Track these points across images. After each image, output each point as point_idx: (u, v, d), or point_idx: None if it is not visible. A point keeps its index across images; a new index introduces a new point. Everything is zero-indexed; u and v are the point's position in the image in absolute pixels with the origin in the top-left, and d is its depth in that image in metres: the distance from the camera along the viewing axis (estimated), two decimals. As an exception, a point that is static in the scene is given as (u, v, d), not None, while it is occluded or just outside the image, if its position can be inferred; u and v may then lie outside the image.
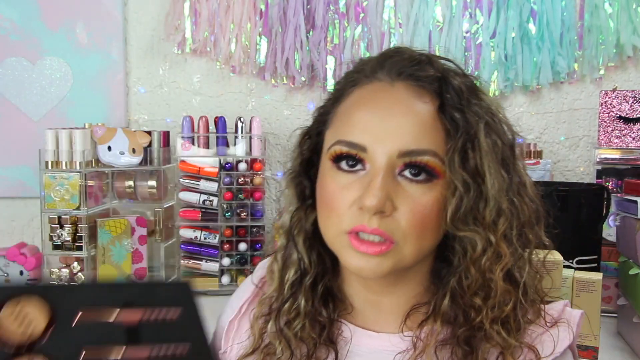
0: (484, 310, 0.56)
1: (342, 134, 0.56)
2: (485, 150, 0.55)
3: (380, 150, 0.54)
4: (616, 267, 1.26)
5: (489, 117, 0.57)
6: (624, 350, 1.11)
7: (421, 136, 0.54)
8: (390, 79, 0.57)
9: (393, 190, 0.54)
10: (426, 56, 0.58)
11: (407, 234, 0.54)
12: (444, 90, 0.56)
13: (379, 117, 0.55)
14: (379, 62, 0.59)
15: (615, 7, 1.55)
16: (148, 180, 1.52)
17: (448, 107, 0.55)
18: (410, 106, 0.55)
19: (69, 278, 1.44)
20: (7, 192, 1.73)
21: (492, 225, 0.55)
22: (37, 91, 1.71)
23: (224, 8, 1.65)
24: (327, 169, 0.57)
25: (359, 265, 0.55)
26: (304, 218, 0.62)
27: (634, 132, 1.38)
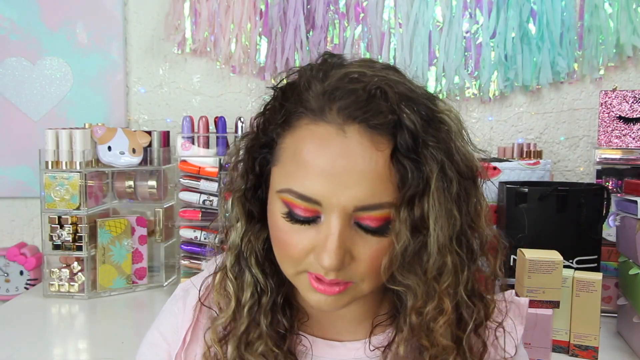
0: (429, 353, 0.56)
1: (294, 183, 0.52)
2: (433, 203, 0.52)
3: (335, 206, 0.51)
4: (616, 267, 1.26)
5: (445, 156, 0.53)
6: (624, 350, 1.11)
7: (376, 190, 0.51)
8: (342, 123, 0.51)
9: (350, 240, 0.52)
10: (379, 89, 0.52)
11: (365, 276, 0.54)
12: (398, 135, 0.51)
13: (332, 172, 0.51)
14: (327, 98, 0.53)
15: (615, 7, 1.55)
16: (148, 180, 1.52)
17: (400, 155, 0.51)
18: (366, 158, 0.51)
19: (69, 278, 1.44)
20: (7, 192, 1.73)
21: (435, 279, 0.54)
22: (37, 91, 1.71)
23: (224, 8, 1.65)
24: (278, 208, 0.55)
25: (318, 303, 0.55)
26: (254, 238, 0.60)
27: (634, 132, 1.38)
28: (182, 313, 0.66)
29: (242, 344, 0.59)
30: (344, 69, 0.55)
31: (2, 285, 1.64)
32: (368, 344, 0.61)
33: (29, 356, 1.10)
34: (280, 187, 0.54)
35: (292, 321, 0.62)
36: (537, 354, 1.00)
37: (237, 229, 0.60)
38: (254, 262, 0.59)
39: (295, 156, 0.53)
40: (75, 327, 1.30)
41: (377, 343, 0.61)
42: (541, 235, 1.15)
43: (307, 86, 0.55)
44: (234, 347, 0.59)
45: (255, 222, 0.60)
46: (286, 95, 0.56)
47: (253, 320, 0.59)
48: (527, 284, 1.01)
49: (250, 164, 0.60)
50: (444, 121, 0.55)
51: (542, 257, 1.01)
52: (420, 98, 0.54)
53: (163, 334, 0.66)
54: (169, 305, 0.68)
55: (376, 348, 0.60)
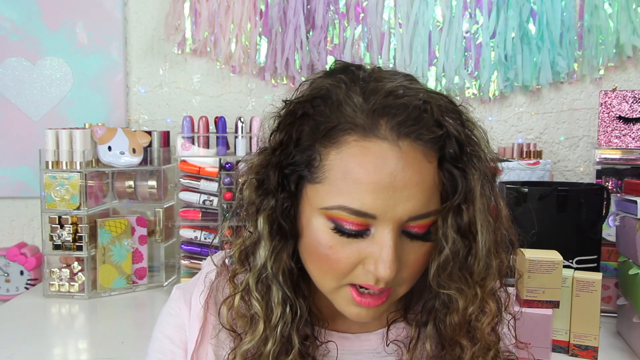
0: (469, 352, 0.58)
1: (347, 200, 0.52)
2: (480, 209, 0.54)
3: (390, 219, 0.52)
4: (616, 267, 1.26)
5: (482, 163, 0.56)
6: (624, 350, 1.11)
7: (428, 200, 0.53)
8: (395, 137, 0.52)
9: (400, 250, 0.54)
10: (426, 103, 0.54)
11: (405, 281, 0.56)
12: (447, 147, 0.54)
13: (391, 187, 0.52)
14: (378, 114, 0.53)
15: (615, 7, 1.55)
16: (148, 180, 1.52)
17: (446, 165, 0.54)
18: (420, 171, 0.52)
19: (69, 278, 1.44)
20: (7, 192, 1.73)
21: (479, 282, 0.56)
22: (37, 91, 1.71)
23: (224, 8, 1.65)
24: (322, 225, 0.54)
25: (359, 315, 0.56)
26: (286, 258, 0.58)
27: (634, 132, 1.38)
28: (186, 313, 0.65)
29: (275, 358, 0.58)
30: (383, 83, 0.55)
31: (2, 285, 1.64)
32: (385, 339, 0.63)
33: (29, 356, 1.10)
34: (330, 205, 0.53)
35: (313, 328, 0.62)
36: (537, 354, 1.00)
37: (264, 247, 0.58)
38: (282, 279, 0.58)
39: (347, 173, 0.53)
40: (75, 327, 1.30)
41: (391, 336, 0.63)
42: (541, 235, 1.15)
43: (348, 100, 0.54)
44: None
45: (286, 239, 0.58)
46: (319, 109, 0.55)
47: (286, 339, 0.58)
48: (527, 284, 1.01)
49: (280, 181, 0.57)
50: (475, 125, 0.58)
51: (542, 257, 1.01)
52: (454, 107, 0.57)
53: (170, 337, 0.65)
54: (169, 308, 0.67)
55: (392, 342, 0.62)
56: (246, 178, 0.60)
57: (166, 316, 0.67)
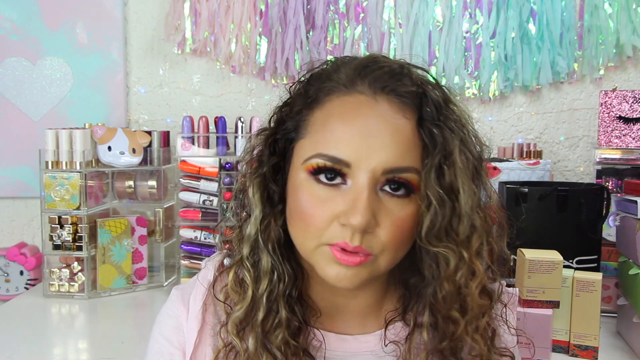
0: (462, 323, 0.58)
1: (324, 147, 0.55)
2: (460, 168, 0.55)
3: (365, 167, 0.53)
4: (616, 267, 1.26)
5: (462, 132, 0.57)
6: (624, 350, 1.11)
7: (404, 153, 0.54)
8: (373, 92, 0.56)
9: (376, 204, 0.54)
10: (405, 67, 0.58)
11: (385, 247, 0.55)
12: (424, 105, 0.56)
13: (364, 134, 0.54)
14: (358, 72, 0.57)
15: (615, 7, 1.55)
16: (148, 180, 1.52)
17: (427, 123, 0.55)
18: (394, 123, 0.55)
19: (69, 278, 1.44)
20: (7, 192, 1.73)
21: (466, 241, 0.56)
22: (37, 91, 1.71)
23: (224, 8, 1.65)
24: (302, 180, 0.56)
25: (338, 276, 0.55)
26: (273, 225, 0.60)
27: (634, 132, 1.38)
28: (184, 314, 0.65)
29: (262, 333, 0.59)
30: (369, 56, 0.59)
31: (2, 285, 1.64)
32: (383, 339, 0.62)
33: (29, 356, 1.10)
34: (309, 154, 0.56)
35: (305, 317, 0.62)
36: (537, 354, 1.00)
37: (255, 215, 0.60)
38: (271, 247, 0.60)
39: (325, 124, 0.56)
40: (75, 327, 1.30)
41: (390, 337, 0.62)
42: (541, 235, 1.15)
43: (336, 69, 0.59)
44: (255, 337, 0.59)
45: (275, 206, 0.60)
46: (311, 82, 0.60)
47: (271, 307, 0.59)
48: (527, 284, 1.01)
49: (272, 146, 0.61)
50: (456, 111, 0.59)
51: (542, 257, 1.01)
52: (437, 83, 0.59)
53: (168, 338, 0.65)
54: (167, 309, 0.67)
55: (391, 342, 0.62)
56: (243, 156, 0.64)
57: (164, 317, 0.66)
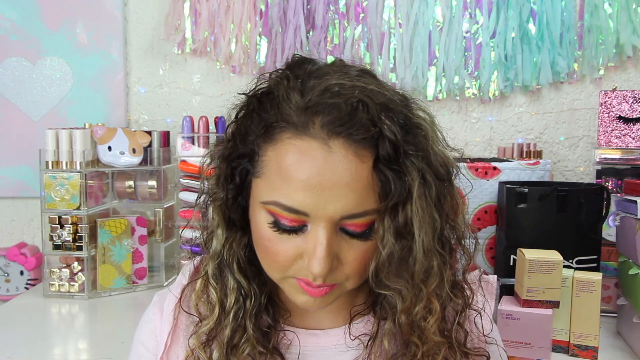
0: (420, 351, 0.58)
1: (280, 196, 0.53)
2: (416, 210, 0.53)
3: (322, 217, 0.53)
4: (616, 267, 1.26)
5: (425, 164, 0.54)
6: (624, 350, 1.11)
7: (361, 200, 0.53)
8: (326, 137, 0.52)
9: (337, 245, 0.55)
10: (360, 102, 0.52)
11: (350, 276, 0.56)
12: (380, 147, 0.53)
13: (319, 186, 0.52)
14: (310, 114, 0.53)
15: (615, 7, 1.55)
16: (148, 180, 1.52)
17: (381, 166, 0.53)
18: (351, 170, 0.52)
19: (69, 278, 1.44)
20: (7, 192, 1.73)
21: (422, 282, 0.56)
22: (37, 91, 1.71)
23: (224, 8, 1.65)
24: (262, 217, 0.56)
25: (307, 304, 0.57)
26: (237, 245, 0.61)
27: (634, 132, 1.38)
28: (159, 318, 0.67)
29: (228, 348, 0.60)
30: (323, 80, 0.54)
31: (2, 285, 1.64)
32: (348, 333, 0.63)
33: (29, 356, 1.10)
34: (266, 199, 0.55)
35: (275, 319, 0.64)
36: (537, 354, 1.00)
37: (218, 236, 0.61)
38: (236, 268, 0.60)
39: (280, 170, 0.54)
40: (75, 327, 1.30)
41: (356, 331, 0.63)
42: (541, 235, 1.15)
43: (286, 97, 0.54)
44: (220, 352, 0.60)
45: (237, 229, 0.61)
46: (263, 105, 0.56)
47: (239, 325, 0.60)
48: (527, 284, 1.01)
49: (229, 173, 0.59)
50: (421, 126, 0.56)
51: (542, 257, 1.01)
52: (398, 107, 0.55)
53: (144, 343, 0.68)
54: (145, 314, 0.70)
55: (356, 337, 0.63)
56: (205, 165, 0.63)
57: (143, 322, 0.70)
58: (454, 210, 0.59)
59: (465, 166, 1.29)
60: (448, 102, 1.67)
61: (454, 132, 1.67)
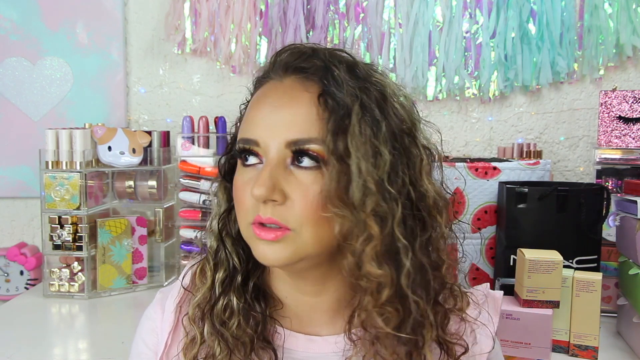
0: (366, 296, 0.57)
1: (242, 132, 0.60)
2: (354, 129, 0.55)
3: (270, 143, 0.56)
4: (616, 267, 1.26)
5: (369, 98, 0.57)
6: (624, 350, 1.11)
7: (307, 125, 0.56)
8: (280, 75, 0.60)
9: (284, 179, 0.56)
10: (312, 48, 0.61)
11: (302, 220, 0.55)
12: (325, 76, 0.58)
13: (267, 112, 0.57)
14: (272, 62, 0.62)
15: (615, 7, 1.55)
16: (148, 180, 1.52)
17: (327, 93, 0.57)
18: (296, 98, 0.57)
19: (69, 278, 1.44)
20: (7, 192, 1.73)
21: (361, 205, 0.55)
22: (37, 91, 1.71)
23: (224, 8, 1.65)
24: (238, 168, 0.61)
25: (263, 253, 0.57)
26: (231, 219, 0.64)
27: (634, 132, 1.38)
28: (160, 317, 0.68)
29: (216, 320, 0.62)
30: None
31: (2, 285, 1.64)
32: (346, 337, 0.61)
33: (29, 356, 1.10)
34: (237, 143, 0.60)
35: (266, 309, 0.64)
36: (537, 354, 1.00)
37: (218, 212, 0.65)
38: (229, 241, 0.64)
39: (245, 114, 0.61)
40: (75, 327, 1.30)
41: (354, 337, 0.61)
42: (541, 235, 1.15)
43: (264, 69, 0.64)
44: (210, 323, 0.62)
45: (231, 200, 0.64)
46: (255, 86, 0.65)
47: (224, 294, 0.62)
48: (527, 284, 1.01)
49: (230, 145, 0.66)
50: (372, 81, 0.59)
51: (542, 257, 1.01)
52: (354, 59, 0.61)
53: (144, 340, 0.69)
54: (147, 312, 0.71)
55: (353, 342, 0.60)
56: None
57: (144, 320, 0.70)
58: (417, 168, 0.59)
59: (466, 166, 1.29)
60: (448, 102, 1.67)
61: (454, 132, 1.67)
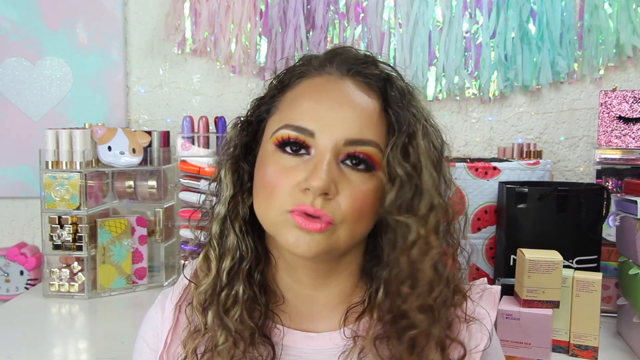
0: (411, 298, 0.58)
1: (291, 119, 0.58)
2: (422, 149, 0.58)
3: (327, 137, 0.57)
4: (616, 267, 1.26)
5: (424, 121, 0.61)
6: (624, 350, 1.11)
7: (366, 128, 0.57)
8: (340, 73, 0.61)
9: (337, 175, 0.57)
10: (372, 57, 0.63)
11: (345, 217, 0.57)
12: (388, 89, 0.60)
13: (328, 106, 0.58)
14: (328, 58, 0.62)
15: (615, 7, 1.55)
16: (148, 180, 1.52)
17: (392, 104, 0.59)
18: (358, 99, 0.58)
19: (69, 278, 1.44)
20: (7, 192, 1.73)
21: (425, 217, 0.58)
22: (37, 91, 1.71)
23: (224, 8, 1.65)
24: (269, 153, 0.59)
25: (297, 241, 0.56)
26: (241, 203, 0.63)
27: (634, 132, 1.38)
28: (160, 316, 0.68)
29: (220, 308, 0.61)
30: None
31: (2, 285, 1.64)
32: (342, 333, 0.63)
33: (29, 356, 1.10)
34: (277, 127, 0.59)
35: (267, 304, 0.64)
36: (537, 354, 1.00)
37: (225, 196, 0.63)
38: (237, 226, 0.63)
39: (294, 101, 0.60)
40: (75, 327, 1.30)
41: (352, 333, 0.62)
42: (541, 235, 1.15)
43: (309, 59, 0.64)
44: (214, 312, 0.62)
45: (244, 184, 0.63)
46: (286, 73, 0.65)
47: (230, 283, 0.62)
48: (527, 284, 1.01)
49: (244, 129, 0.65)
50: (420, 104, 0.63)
51: (542, 257, 1.01)
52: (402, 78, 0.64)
53: (146, 339, 0.69)
54: (149, 312, 0.71)
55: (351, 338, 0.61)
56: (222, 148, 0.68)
57: (146, 320, 0.71)
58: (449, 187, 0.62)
59: (465, 166, 1.29)
60: (448, 102, 1.67)
61: (454, 132, 1.67)
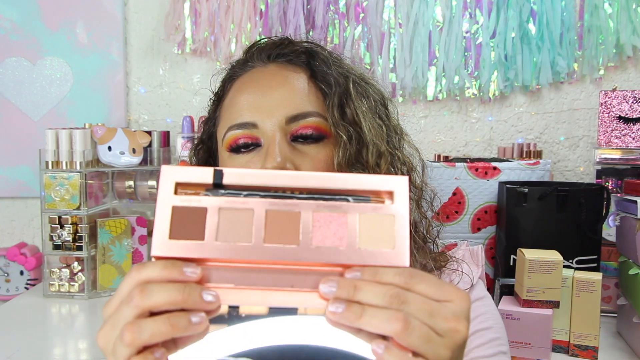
0: None
1: (232, 120, 0.61)
2: (357, 101, 0.60)
3: (268, 122, 0.59)
4: (616, 267, 1.26)
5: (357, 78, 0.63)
6: (624, 350, 1.11)
7: (302, 101, 0.59)
8: (262, 62, 0.64)
9: (290, 152, 0.58)
10: (287, 38, 0.65)
11: None
12: (311, 60, 0.62)
13: (260, 94, 0.60)
14: (248, 54, 0.66)
15: (615, 7, 1.55)
16: (148, 180, 1.52)
17: (318, 73, 0.61)
18: (286, 78, 0.61)
19: (69, 278, 1.44)
20: (7, 192, 1.73)
21: (375, 167, 0.59)
22: (37, 91, 1.71)
23: (224, 8, 1.65)
24: (225, 159, 0.62)
25: None
26: None
27: (634, 132, 1.38)
28: None
29: None
30: None
31: (2, 285, 1.64)
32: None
33: (29, 356, 1.10)
34: (223, 132, 0.61)
35: None
36: (537, 354, 1.00)
37: None
38: None
39: (230, 103, 0.63)
40: (75, 327, 1.30)
41: None
42: (541, 235, 1.15)
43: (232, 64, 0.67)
44: None
45: None
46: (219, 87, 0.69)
47: None
48: (527, 284, 1.01)
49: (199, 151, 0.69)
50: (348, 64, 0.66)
51: (542, 257, 1.01)
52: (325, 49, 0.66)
53: None
54: None
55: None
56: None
57: None
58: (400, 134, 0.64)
59: (466, 166, 1.29)
60: (448, 102, 1.67)
61: (454, 132, 1.67)
